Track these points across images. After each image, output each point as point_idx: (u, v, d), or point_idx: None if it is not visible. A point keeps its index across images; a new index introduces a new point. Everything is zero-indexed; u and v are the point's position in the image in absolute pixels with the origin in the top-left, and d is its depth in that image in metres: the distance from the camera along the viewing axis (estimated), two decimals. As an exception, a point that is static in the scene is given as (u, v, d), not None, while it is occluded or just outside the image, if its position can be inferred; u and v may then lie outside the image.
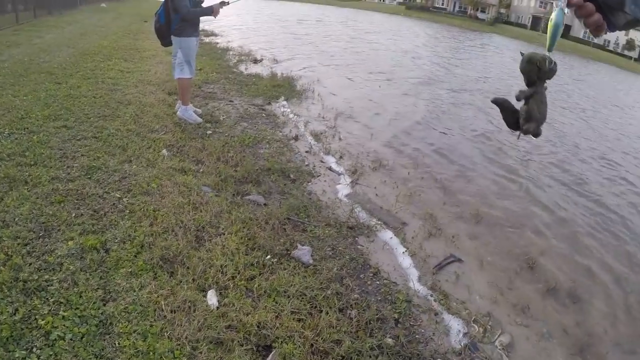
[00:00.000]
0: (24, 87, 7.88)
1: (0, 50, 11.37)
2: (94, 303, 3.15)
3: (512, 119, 1.63)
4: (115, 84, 9.18)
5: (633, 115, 19.69)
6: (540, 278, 5.37)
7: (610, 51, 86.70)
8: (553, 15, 1.39)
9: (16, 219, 4.00)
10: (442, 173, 7.90)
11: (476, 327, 4.20)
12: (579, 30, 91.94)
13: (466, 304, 4.49)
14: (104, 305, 3.17)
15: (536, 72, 1.53)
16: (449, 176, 7.82)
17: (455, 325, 4.12)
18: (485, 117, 12.85)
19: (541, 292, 5.12)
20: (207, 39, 19.40)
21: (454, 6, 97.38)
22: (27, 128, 6.06)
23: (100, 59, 11.64)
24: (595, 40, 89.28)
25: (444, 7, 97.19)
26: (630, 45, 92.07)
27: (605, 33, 1.25)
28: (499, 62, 31.98)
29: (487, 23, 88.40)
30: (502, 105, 1.67)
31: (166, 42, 7.47)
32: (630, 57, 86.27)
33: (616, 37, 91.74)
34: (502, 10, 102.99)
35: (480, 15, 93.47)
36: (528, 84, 1.57)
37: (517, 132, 1.61)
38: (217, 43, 18.65)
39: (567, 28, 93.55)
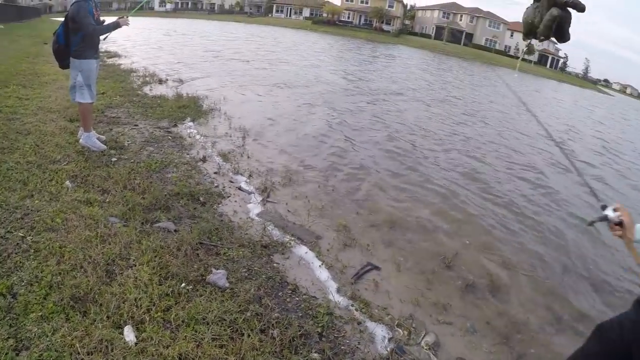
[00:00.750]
0: None
1: None
2: (6, 354, 2.94)
3: None
4: (14, 112, 8.61)
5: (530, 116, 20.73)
6: (457, 276, 5.54)
7: (511, 56, 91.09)
8: None
9: None
10: (352, 183, 7.99)
11: (400, 330, 4.28)
12: (480, 37, 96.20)
13: (388, 310, 4.57)
14: (17, 355, 2.97)
15: None
16: (358, 185, 7.93)
17: (379, 331, 4.18)
18: (388, 125, 13.22)
19: (460, 288, 5.27)
20: (109, 61, 18.77)
21: (360, 19, 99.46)
22: None
23: (-5, 87, 10.97)
24: (497, 47, 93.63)
25: (350, 20, 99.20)
26: (530, 50, 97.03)
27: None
28: (402, 70, 32.98)
29: (393, 35, 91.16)
30: None
31: (64, 64, 7.02)
32: (531, 61, 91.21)
33: (516, 43, 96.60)
34: (407, 22, 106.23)
35: (385, 27, 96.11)
36: None
37: None
38: (121, 64, 17.98)
39: (469, 36, 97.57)
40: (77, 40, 6.76)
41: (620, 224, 2.56)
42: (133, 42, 25.86)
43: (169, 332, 3.43)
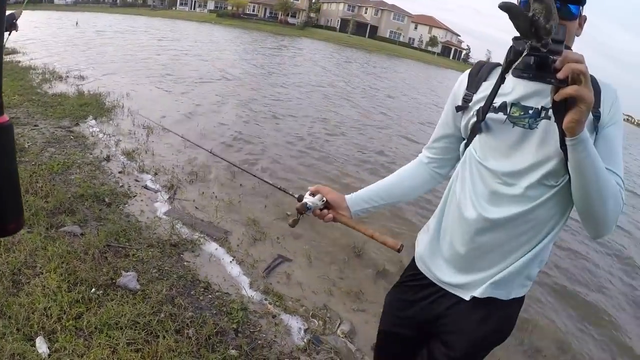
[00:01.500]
0: None
1: None
2: None
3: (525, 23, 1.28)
4: None
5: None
6: (368, 263, 5.69)
7: (415, 48, 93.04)
8: None
9: None
10: (258, 177, 7.97)
11: (316, 321, 4.36)
12: (385, 30, 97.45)
13: (302, 301, 4.64)
14: None
15: None
16: (263, 178, 7.91)
17: (294, 323, 4.26)
18: (294, 114, 13.35)
19: (371, 276, 5.43)
20: (7, 57, 17.60)
21: (265, 12, 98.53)
22: None
23: None
24: (401, 39, 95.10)
25: (255, 13, 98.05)
26: (433, 42, 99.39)
27: None
28: (304, 61, 33.09)
29: (298, 27, 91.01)
30: (510, 10, 1.28)
31: None
32: (434, 53, 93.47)
33: (420, 35, 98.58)
34: (312, 15, 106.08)
35: (290, 20, 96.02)
36: None
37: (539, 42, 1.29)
38: (19, 62, 16.84)
39: (374, 29, 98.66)
40: None
41: (326, 206, 2.18)
42: (32, 39, 24.49)
43: (82, 340, 3.35)
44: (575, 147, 1.48)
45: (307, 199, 2.14)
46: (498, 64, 1.93)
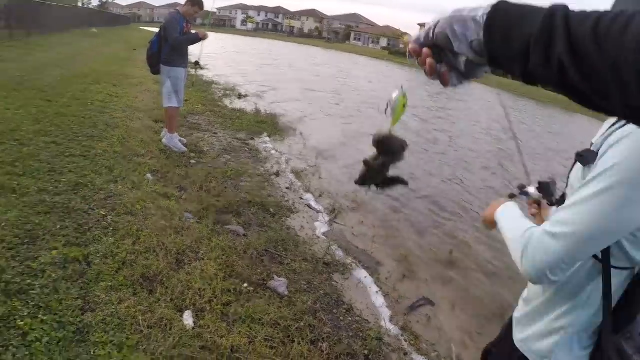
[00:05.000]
0: (16, 102, 7.94)
1: (-8, 64, 11.46)
2: (73, 311, 3.21)
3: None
4: (104, 107, 9.28)
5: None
6: None
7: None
8: (401, 98, 1.56)
9: (3, 224, 4.06)
10: (419, 216, 8.04)
11: (444, 369, 4.31)
12: None
13: (436, 346, 4.58)
14: (83, 314, 3.23)
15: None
16: (425, 219, 7.96)
17: (423, 365, 4.23)
18: (458, 163, 13.10)
19: None
20: (192, 71, 19.58)
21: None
22: (18, 140, 6.13)
23: (89, 82, 11.76)
24: None
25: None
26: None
27: (458, 83, 1.07)
28: (472, 120, 32.42)
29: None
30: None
31: (156, 70, 7.66)
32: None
33: None
34: None
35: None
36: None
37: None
38: (203, 76, 18.80)
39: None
40: (167, 49, 7.36)
41: (538, 203, 2.28)
42: (215, 57, 26.70)
43: (226, 324, 3.63)
44: None
45: (530, 189, 2.24)
46: None
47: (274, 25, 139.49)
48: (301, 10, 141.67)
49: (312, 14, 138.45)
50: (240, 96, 15.91)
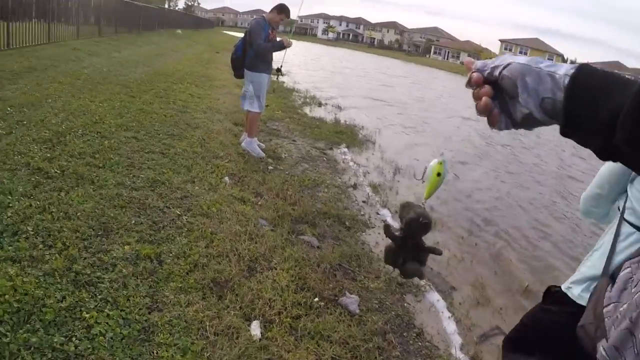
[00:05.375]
0: (100, 95, 8.16)
1: (82, 57, 11.89)
2: (139, 309, 3.15)
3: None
4: (185, 106, 9.43)
5: None
6: None
7: None
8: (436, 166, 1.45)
9: (78, 214, 4.08)
10: (497, 242, 7.71)
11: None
12: None
13: (506, 380, 4.34)
14: (149, 313, 3.17)
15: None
16: (503, 246, 7.61)
17: (491, 399, 4.02)
18: (558, 193, 12.59)
19: None
20: (274, 78, 19.77)
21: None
22: (100, 133, 6.25)
23: (172, 81, 12.03)
24: None
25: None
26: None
27: (505, 128, 0.99)
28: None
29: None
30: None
31: (239, 73, 7.74)
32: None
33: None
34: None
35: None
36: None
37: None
38: (284, 83, 18.95)
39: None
40: (251, 54, 7.40)
41: None
42: (298, 64, 26.94)
43: (294, 338, 3.48)
44: None
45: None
46: None
47: (354, 36, 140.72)
48: (382, 22, 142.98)
49: (392, 25, 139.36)
50: (320, 105, 15.95)
